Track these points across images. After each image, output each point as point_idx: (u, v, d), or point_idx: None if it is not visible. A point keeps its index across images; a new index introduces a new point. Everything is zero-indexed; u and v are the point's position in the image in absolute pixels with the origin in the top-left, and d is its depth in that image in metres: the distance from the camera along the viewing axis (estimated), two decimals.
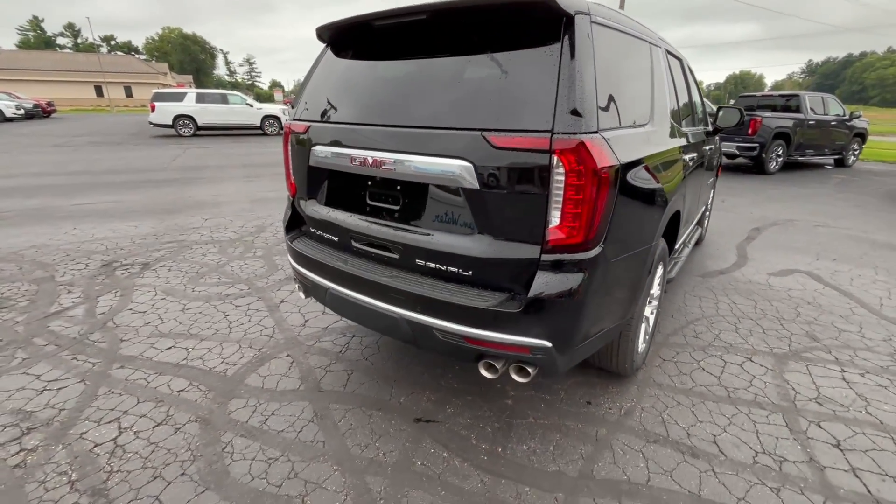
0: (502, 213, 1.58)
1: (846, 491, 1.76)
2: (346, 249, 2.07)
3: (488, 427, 2.09)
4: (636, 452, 1.95)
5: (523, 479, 1.80)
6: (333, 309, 2.19)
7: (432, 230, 1.76)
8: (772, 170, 9.99)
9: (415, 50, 1.83)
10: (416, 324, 1.76)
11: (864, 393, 2.38)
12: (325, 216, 2.13)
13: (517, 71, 1.55)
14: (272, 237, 4.88)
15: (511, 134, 1.49)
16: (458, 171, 1.58)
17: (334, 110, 2.04)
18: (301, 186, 2.29)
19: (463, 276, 1.71)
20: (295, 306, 3.26)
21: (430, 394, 2.33)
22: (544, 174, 1.46)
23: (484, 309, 1.59)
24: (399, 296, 1.77)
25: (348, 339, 2.83)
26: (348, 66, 2.07)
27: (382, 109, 1.85)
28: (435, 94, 1.73)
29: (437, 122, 1.66)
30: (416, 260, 1.80)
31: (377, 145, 1.78)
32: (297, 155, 2.24)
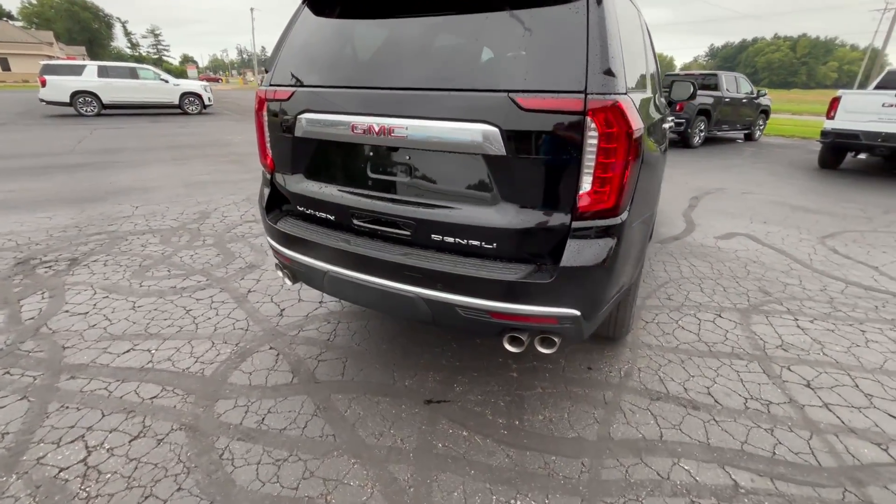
0: (530, 180, 1.51)
1: (825, 424, 1.96)
2: (346, 228, 1.90)
3: (500, 401, 2.07)
4: (644, 411, 2.02)
5: (547, 449, 1.81)
6: (332, 293, 2.02)
7: (449, 202, 1.65)
8: (695, 144, 10.83)
9: (419, 5, 1.67)
10: (435, 302, 1.66)
11: (817, 337, 2.66)
12: (316, 192, 1.94)
13: (542, 28, 1.46)
14: (220, 223, 4.45)
15: (541, 95, 1.41)
16: (482, 137, 1.48)
17: (324, 73, 1.83)
18: (282, 160, 2.06)
19: (486, 250, 1.63)
20: (265, 295, 3.00)
21: (434, 374, 2.25)
22: (577, 137, 1.41)
23: (512, 282, 1.53)
24: (416, 274, 1.66)
25: (334, 326, 2.66)
26: (337, 24, 1.86)
27: (386, 71, 1.69)
28: (448, 53, 1.60)
29: (455, 83, 1.54)
30: (431, 235, 1.69)
31: (383, 110, 1.62)
32: (276, 125, 2.00)
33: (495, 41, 1.54)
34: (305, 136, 1.87)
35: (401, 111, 1.60)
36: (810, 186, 6.97)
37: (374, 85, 1.68)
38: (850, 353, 2.51)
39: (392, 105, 1.62)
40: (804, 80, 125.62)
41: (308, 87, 1.84)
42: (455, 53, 1.59)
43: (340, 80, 1.77)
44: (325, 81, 1.81)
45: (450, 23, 1.64)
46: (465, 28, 1.60)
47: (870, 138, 7.32)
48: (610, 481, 1.66)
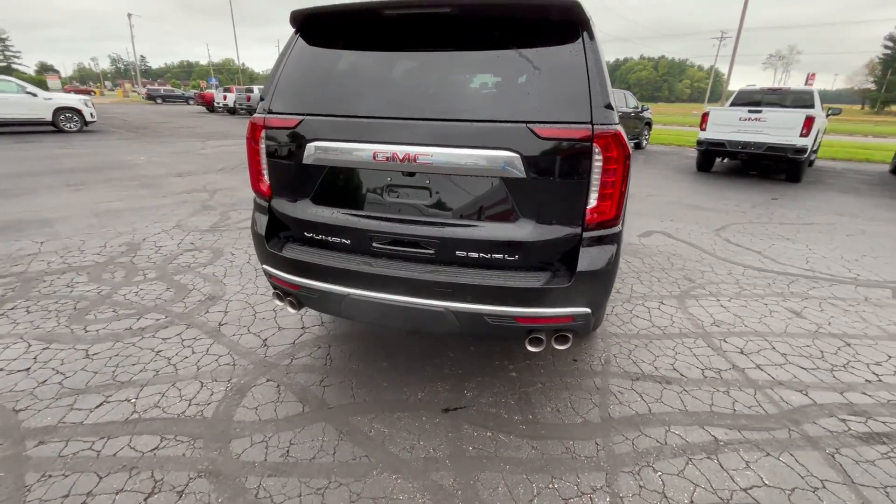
0: (546, 198, 1.73)
1: (762, 381, 2.44)
2: (364, 251, 1.95)
3: (510, 400, 2.25)
4: (630, 391, 2.34)
5: (563, 435, 2.02)
6: (350, 316, 2.04)
7: (471, 221, 1.81)
8: None
9: (430, 42, 1.82)
10: (464, 313, 1.80)
11: (737, 313, 3.25)
12: (328, 218, 1.96)
13: (547, 67, 1.70)
14: (156, 255, 4.07)
15: (556, 125, 1.64)
16: (505, 162, 1.67)
17: (335, 103, 1.88)
18: (284, 187, 2.05)
19: (508, 261, 1.81)
20: (240, 327, 2.86)
21: (441, 384, 2.36)
22: (586, 161, 1.66)
23: (536, 288, 1.73)
24: (446, 289, 1.78)
25: (326, 350, 2.64)
26: (343, 56, 1.92)
27: (403, 102, 1.80)
28: (465, 88, 1.76)
29: (475, 114, 1.71)
30: (455, 252, 1.83)
31: (408, 139, 1.73)
32: (278, 152, 1.99)
33: (508, 76, 1.74)
34: (316, 163, 1.89)
35: (427, 140, 1.72)
36: (695, 187, 8.23)
37: (392, 115, 1.78)
38: (762, 322, 3.11)
39: (416, 134, 1.74)
40: (667, 95, 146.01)
41: (320, 115, 1.88)
42: (471, 87, 1.76)
43: (354, 110, 1.84)
44: (337, 111, 1.86)
45: (460, 59, 1.81)
46: (478, 64, 1.78)
47: (733, 146, 8.89)
48: (623, 454, 1.91)
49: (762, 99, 9.96)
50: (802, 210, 6.57)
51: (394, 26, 1.85)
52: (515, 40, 1.74)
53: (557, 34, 1.71)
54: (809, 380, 2.46)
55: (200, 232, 4.77)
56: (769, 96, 9.95)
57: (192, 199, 6.18)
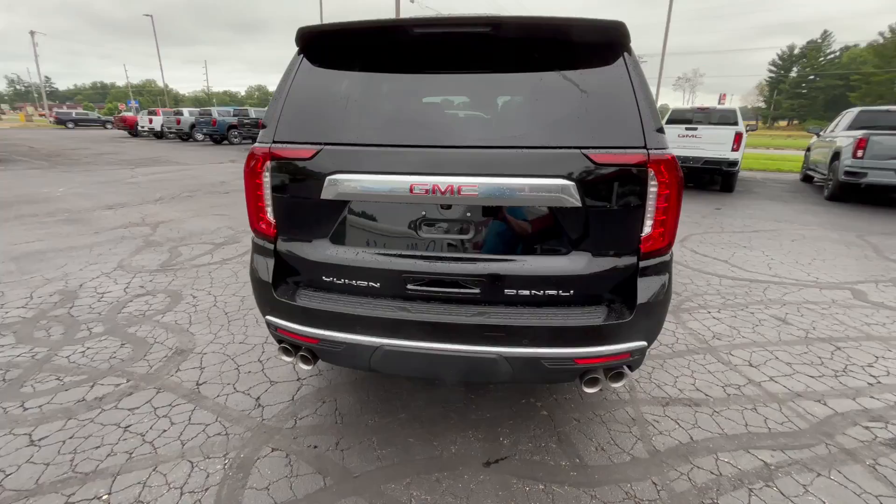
0: (601, 227, 1.61)
1: (781, 394, 2.47)
2: (397, 294, 1.72)
3: (551, 444, 2.08)
4: (664, 417, 2.26)
5: (617, 478, 1.88)
6: (382, 369, 1.78)
7: (520, 256, 1.65)
8: None
9: (464, 63, 1.67)
10: (520, 359, 1.62)
11: (730, 324, 3.33)
12: (352, 259, 1.72)
13: (593, 90, 1.60)
14: (99, 304, 3.50)
15: (611, 151, 1.54)
16: (560, 191, 1.54)
17: (358, 130, 1.66)
18: (294, 225, 1.78)
19: (562, 298, 1.66)
20: (223, 385, 2.46)
21: (472, 432, 2.14)
22: (642, 187, 1.57)
23: (598, 325, 1.60)
24: (499, 333, 1.59)
25: (332, 405, 2.33)
26: (365, 78, 1.71)
27: (438, 129, 1.62)
28: (506, 112, 1.62)
29: (524, 141, 1.57)
30: (504, 291, 1.65)
31: (449, 169, 1.55)
32: (288, 187, 1.73)
33: (554, 100, 1.62)
34: (338, 198, 1.66)
35: (469, 169, 1.55)
36: None
37: (430, 143, 1.60)
38: (757, 332, 3.21)
39: (458, 163, 1.56)
40: None
41: (343, 145, 1.65)
42: (516, 112, 1.63)
43: (384, 138, 1.64)
44: (363, 139, 1.64)
45: (498, 81, 1.67)
46: (520, 86, 1.65)
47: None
48: (684, 492, 1.80)
49: (693, 117, 10.83)
50: (746, 218, 7.10)
51: (424, 46, 1.68)
52: (556, 61, 1.64)
53: (600, 55, 1.63)
54: (821, 388, 2.53)
55: (149, 273, 4.21)
56: (699, 115, 10.83)
57: (131, 235, 5.50)
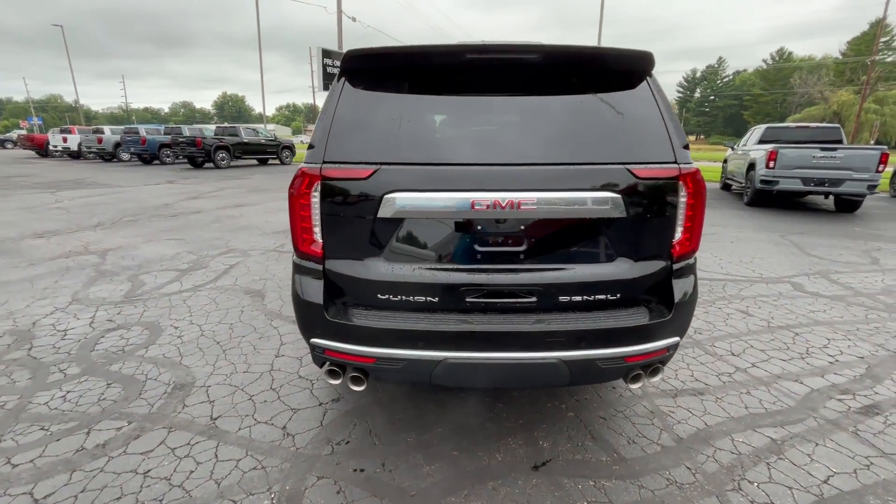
0: (642, 235, 1.77)
1: (766, 377, 2.78)
2: (456, 308, 1.76)
3: (587, 442, 2.19)
4: (678, 408, 2.46)
5: (655, 467, 2.02)
6: (444, 382, 1.80)
7: (571, 264, 1.76)
8: None
9: (509, 86, 1.78)
10: (577, 362, 1.72)
11: (706, 319, 3.68)
12: (408, 275, 1.74)
13: (627, 111, 1.78)
14: (64, 342, 3.15)
15: (651, 166, 1.71)
16: (609, 203, 1.68)
17: (414, 150, 1.71)
18: (347, 245, 1.77)
19: (610, 301, 1.80)
20: (241, 417, 2.33)
21: (511, 439, 2.20)
22: (674, 197, 1.76)
23: (644, 325, 1.74)
24: (560, 338, 1.69)
25: (365, 427, 2.28)
26: (415, 99, 1.77)
27: (490, 147, 1.71)
28: (552, 131, 1.74)
29: (572, 158, 1.70)
30: (559, 297, 1.76)
31: (510, 185, 1.64)
32: (341, 206, 1.72)
33: (594, 120, 1.77)
34: (397, 216, 1.68)
35: (528, 185, 1.65)
36: None
37: (486, 161, 1.68)
38: (728, 324, 3.57)
39: (518, 179, 1.66)
40: None
41: (402, 164, 1.68)
42: (558, 130, 1.75)
43: (442, 157, 1.69)
44: (420, 158, 1.69)
45: (542, 104, 1.80)
46: (561, 108, 1.79)
47: None
48: (715, 472, 1.99)
49: None
50: None
51: (474, 70, 1.77)
52: (593, 85, 1.80)
53: (629, 79, 1.82)
54: (794, 370, 2.88)
55: (114, 305, 3.85)
56: None
57: (76, 265, 4.99)
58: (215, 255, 5.48)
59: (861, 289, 4.46)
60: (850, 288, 4.47)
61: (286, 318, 3.61)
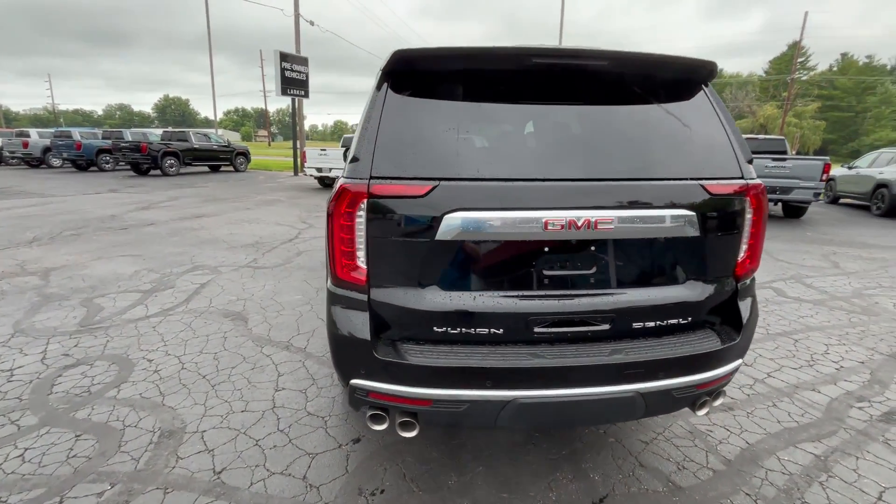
0: (711, 254, 1.67)
1: (785, 388, 2.79)
2: (523, 339, 1.57)
3: (638, 471, 2.06)
4: (714, 426, 2.40)
5: (713, 495, 1.93)
6: (515, 424, 1.60)
7: (644, 287, 1.63)
8: None
9: (572, 95, 1.63)
10: (653, 393, 1.58)
11: None
12: (470, 305, 1.53)
13: (692, 123, 1.68)
14: (14, 384, 2.65)
15: (722, 181, 1.62)
16: (685, 221, 1.56)
17: (475, 164, 1.51)
18: (397, 272, 1.54)
19: (681, 326, 1.68)
20: (252, 469, 2.01)
21: (559, 475, 2.04)
22: (742, 214, 1.67)
23: (719, 350, 1.64)
24: (637, 369, 1.54)
25: (398, 469, 2.04)
26: (472, 108, 1.58)
27: (557, 161, 1.55)
28: (619, 144, 1.61)
29: (645, 173, 1.57)
30: (631, 324, 1.61)
31: (587, 203, 1.49)
32: (391, 227, 1.50)
33: (662, 132, 1.66)
34: (459, 238, 1.48)
35: (605, 203, 1.51)
36: None
37: (557, 177, 1.52)
38: None
39: (594, 197, 1.51)
40: None
41: (466, 180, 1.48)
42: (626, 143, 1.62)
43: (509, 172, 1.51)
44: (485, 173, 1.50)
45: (606, 114, 1.66)
46: (625, 118, 1.66)
47: None
48: (775, 497, 1.91)
49: None
50: None
51: (537, 76, 1.61)
52: (654, 94, 1.69)
53: (690, 89, 1.73)
54: (808, 378, 2.92)
55: (68, 335, 3.34)
56: None
57: (13, 288, 4.34)
58: (181, 272, 4.96)
59: (834, 292, 4.70)
60: (825, 292, 4.71)
61: (278, 344, 3.27)
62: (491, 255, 1.56)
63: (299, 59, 17.34)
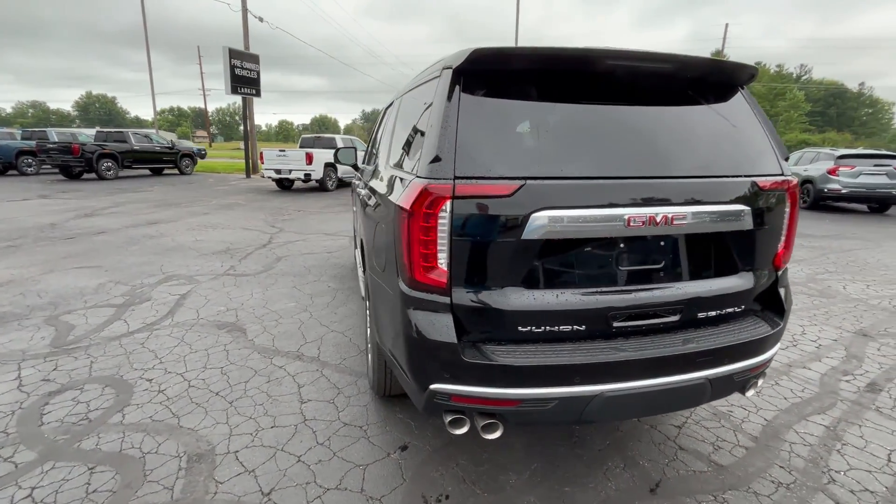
0: (759, 246, 1.79)
1: (781, 368, 3.04)
2: (603, 334, 1.60)
3: (680, 455, 2.17)
4: (732, 406, 2.56)
5: (751, 471, 2.06)
6: (599, 417, 1.64)
7: (707, 279, 1.73)
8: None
9: (634, 96, 1.68)
10: (720, 378, 1.68)
11: None
12: (553, 303, 1.54)
13: (737, 122, 1.79)
14: (20, 425, 2.34)
15: (769, 178, 1.74)
16: (743, 216, 1.67)
17: (556, 162, 1.52)
18: (480, 273, 1.52)
19: (737, 314, 1.78)
20: (303, 487, 1.90)
21: (612, 464, 2.10)
22: (783, 208, 1.81)
23: (771, 334, 1.76)
24: (707, 357, 1.62)
25: (457, 474, 2.01)
26: (545, 107, 1.59)
27: (628, 159, 1.60)
28: (684, 142, 1.69)
29: (709, 170, 1.66)
30: (698, 314, 1.70)
31: (664, 199, 1.55)
32: (479, 227, 1.48)
33: (713, 131, 1.75)
34: (546, 237, 1.49)
35: (678, 199, 1.58)
36: None
37: (632, 174, 1.57)
38: None
39: (669, 193, 1.57)
40: None
41: (552, 178, 1.49)
42: (686, 142, 1.70)
43: (590, 170, 1.54)
44: (567, 171, 1.51)
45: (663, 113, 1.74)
46: (683, 119, 1.74)
47: None
48: (804, 466, 2.08)
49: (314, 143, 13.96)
50: None
51: (605, 77, 1.64)
52: (706, 96, 1.79)
53: (733, 90, 1.84)
54: (797, 357, 3.20)
55: (42, 358, 2.98)
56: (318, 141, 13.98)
57: None
58: (153, 283, 4.58)
59: (792, 279, 5.17)
60: None
61: (288, 355, 3.11)
62: (573, 252, 1.58)
63: (250, 56, 16.54)
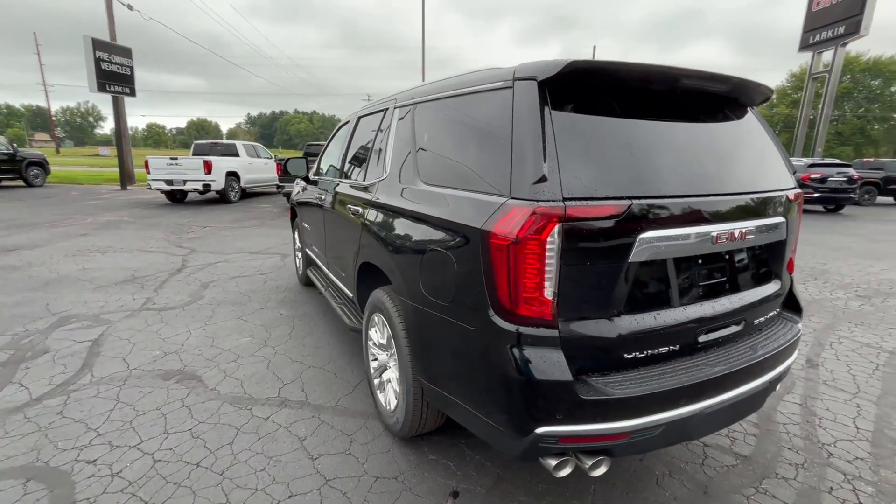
0: (785, 254, 1.96)
1: None
2: (690, 350, 1.60)
3: (709, 452, 2.29)
4: None
5: (770, 458, 2.26)
6: (692, 436, 1.63)
7: (758, 287, 1.83)
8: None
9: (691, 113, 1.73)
10: (773, 380, 1.78)
11: None
12: (652, 324, 1.50)
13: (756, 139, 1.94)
14: None
15: (792, 190, 1.91)
16: (780, 227, 1.81)
17: (651, 181, 1.48)
18: (585, 301, 1.42)
19: (773, 318, 1.93)
20: None
21: (660, 474, 2.13)
22: (796, 218, 2.00)
23: (800, 335, 1.94)
24: (770, 360, 1.72)
25: (508, 489, 1.86)
26: (628, 124, 1.53)
27: (706, 177, 1.63)
28: (733, 158, 1.77)
29: (758, 186, 1.76)
30: (755, 321, 1.79)
31: (740, 216, 1.61)
32: (590, 252, 1.37)
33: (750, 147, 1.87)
34: (651, 258, 1.44)
35: (747, 214, 1.65)
36: None
37: (712, 192, 1.59)
38: None
39: (741, 210, 1.63)
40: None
41: (654, 197, 1.43)
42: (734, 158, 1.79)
43: (681, 188, 1.52)
44: (664, 190, 1.48)
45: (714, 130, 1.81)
46: (729, 135, 1.83)
47: None
48: (804, 445, 2.34)
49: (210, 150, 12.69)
50: None
51: (679, 95, 1.65)
52: (736, 113, 1.91)
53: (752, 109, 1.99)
54: None
55: (13, 410, 2.14)
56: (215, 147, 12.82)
57: None
58: (44, 329, 3.61)
59: None
60: None
61: (269, 402, 2.65)
62: (669, 271, 1.56)
63: (120, 49, 14.21)
